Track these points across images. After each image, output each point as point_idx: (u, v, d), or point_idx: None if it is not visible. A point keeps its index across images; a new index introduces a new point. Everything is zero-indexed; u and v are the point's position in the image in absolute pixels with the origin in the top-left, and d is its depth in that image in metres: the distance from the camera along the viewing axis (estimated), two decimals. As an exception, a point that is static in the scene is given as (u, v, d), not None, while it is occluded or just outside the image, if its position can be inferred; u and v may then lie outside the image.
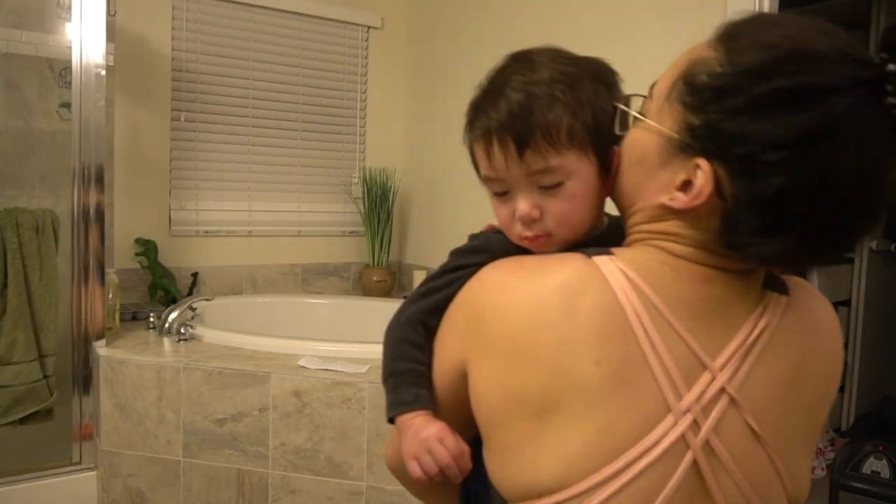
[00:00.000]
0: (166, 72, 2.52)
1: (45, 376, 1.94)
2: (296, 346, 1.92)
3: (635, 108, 0.65)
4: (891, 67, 0.52)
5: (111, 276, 2.10)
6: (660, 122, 0.60)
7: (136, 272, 2.44)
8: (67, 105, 2.00)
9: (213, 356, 1.86)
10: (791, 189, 0.53)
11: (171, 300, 2.38)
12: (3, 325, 1.88)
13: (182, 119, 2.57)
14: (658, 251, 0.61)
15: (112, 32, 2.07)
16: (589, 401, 0.56)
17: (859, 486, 1.87)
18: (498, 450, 0.61)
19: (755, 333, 0.59)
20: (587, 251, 0.61)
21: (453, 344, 0.66)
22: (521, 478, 0.59)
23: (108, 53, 1.94)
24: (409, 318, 0.71)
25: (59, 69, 2.24)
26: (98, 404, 1.88)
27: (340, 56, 2.92)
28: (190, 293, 2.52)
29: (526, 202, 0.65)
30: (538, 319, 0.58)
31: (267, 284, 2.78)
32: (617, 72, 0.70)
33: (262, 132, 2.75)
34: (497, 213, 0.70)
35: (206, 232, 2.66)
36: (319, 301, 2.73)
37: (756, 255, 0.58)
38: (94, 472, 1.90)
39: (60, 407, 1.96)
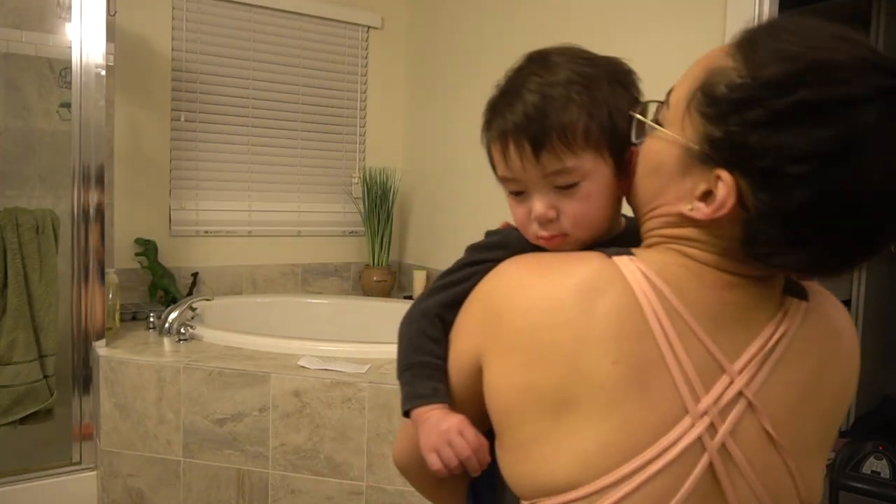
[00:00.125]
0: (166, 72, 2.52)
1: (45, 376, 1.94)
2: (296, 346, 1.92)
3: (651, 114, 0.64)
4: None
5: (111, 276, 2.10)
6: (679, 131, 0.59)
7: (136, 272, 2.44)
8: (67, 105, 2.00)
9: (213, 356, 1.86)
10: (815, 202, 0.52)
11: (171, 300, 2.38)
12: (3, 325, 1.88)
13: (182, 119, 2.57)
14: (678, 255, 0.60)
15: (112, 32, 2.07)
16: (605, 400, 0.56)
17: (859, 486, 1.87)
18: (511, 447, 0.61)
19: (775, 338, 0.59)
20: (607, 251, 0.61)
21: (469, 338, 0.66)
22: (535, 475, 0.59)
23: (108, 53, 1.94)
24: (425, 311, 0.71)
25: (59, 69, 2.24)
26: (98, 404, 1.88)
27: (340, 56, 2.92)
28: (190, 293, 2.52)
29: (542, 203, 0.65)
30: (556, 317, 0.57)
31: (267, 284, 2.78)
32: (635, 72, 0.69)
33: (262, 132, 2.75)
34: (513, 213, 0.69)
35: (206, 232, 2.66)
36: (319, 301, 2.73)
37: (779, 264, 0.58)
38: (94, 472, 1.90)
39: (60, 407, 1.96)
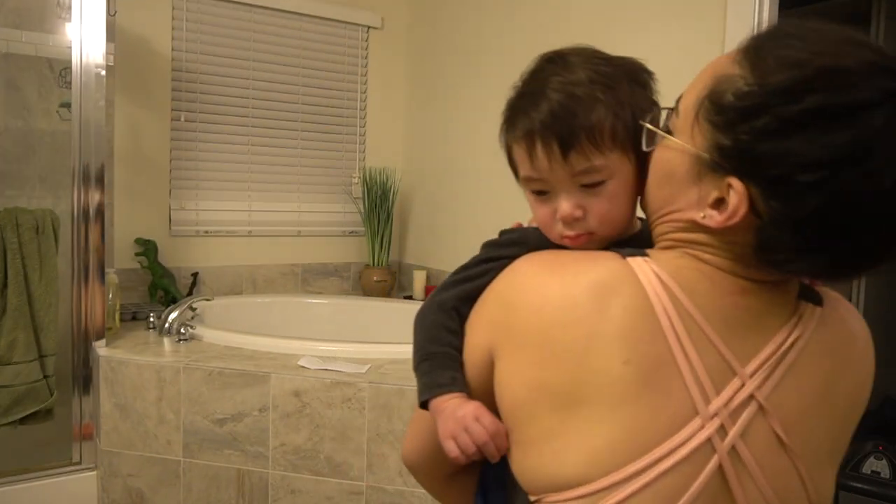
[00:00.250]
0: (166, 72, 2.52)
1: (45, 376, 1.94)
2: (296, 346, 1.92)
3: (662, 121, 0.64)
4: None
5: (111, 276, 2.10)
6: (688, 139, 0.59)
7: (136, 272, 2.44)
8: (67, 105, 2.00)
9: (213, 356, 1.86)
10: (827, 209, 0.51)
11: (171, 300, 2.38)
12: (3, 325, 1.88)
13: (182, 119, 2.57)
14: (692, 259, 0.60)
15: (112, 32, 2.07)
16: (615, 399, 0.56)
17: (859, 486, 1.87)
18: (521, 442, 0.62)
19: (788, 343, 0.59)
20: (622, 251, 0.61)
21: (483, 333, 0.66)
22: (544, 471, 0.59)
23: (108, 53, 1.94)
24: (442, 303, 0.71)
25: (59, 69, 2.24)
26: (98, 404, 1.88)
27: (340, 56, 2.92)
28: (190, 293, 2.52)
29: (568, 202, 0.65)
30: (569, 315, 0.58)
31: (267, 284, 2.78)
32: (651, 71, 0.70)
33: (262, 132, 2.75)
34: (536, 213, 0.69)
35: (206, 232, 2.66)
36: (319, 301, 2.73)
37: (792, 270, 0.58)
38: (94, 472, 1.90)
39: (60, 407, 1.96)
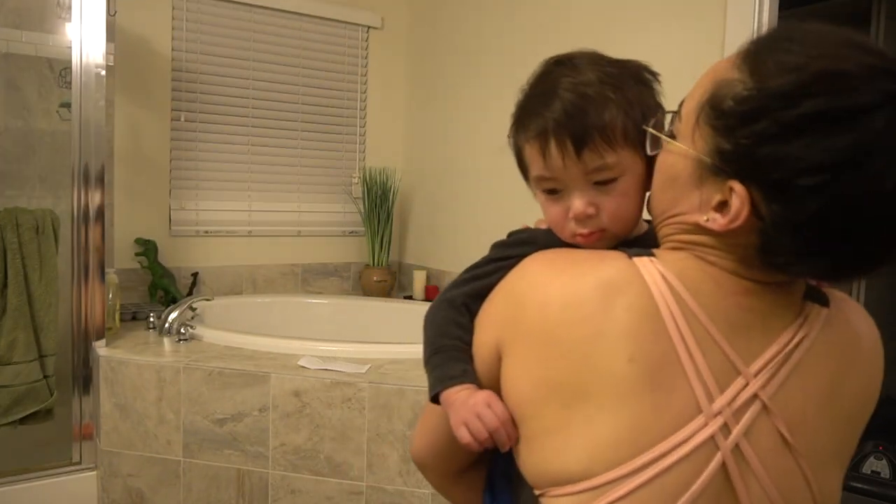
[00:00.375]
0: (166, 72, 2.52)
1: (45, 376, 1.94)
2: (296, 346, 1.92)
3: (666, 125, 0.65)
4: None
5: (111, 276, 2.10)
6: (690, 143, 0.59)
7: (136, 272, 2.44)
8: (67, 105, 2.00)
9: (213, 356, 1.86)
10: (827, 212, 0.52)
11: (171, 300, 2.38)
12: (3, 325, 1.88)
13: (182, 119, 2.57)
14: (698, 260, 0.61)
15: (112, 32, 2.07)
16: (619, 396, 0.56)
17: (859, 486, 1.87)
18: (527, 437, 0.63)
19: (793, 343, 0.59)
20: (629, 251, 0.62)
21: (491, 329, 0.68)
22: (548, 465, 0.60)
23: (108, 53, 1.94)
24: (451, 300, 0.73)
25: (59, 69, 2.24)
26: (98, 404, 1.88)
27: (340, 56, 2.92)
28: (190, 293, 2.52)
29: (581, 199, 0.67)
30: (575, 314, 0.59)
31: (267, 284, 2.78)
32: (655, 72, 0.71)
33: (262, 132, 2.75)
34: (548, 212, 0.71)
35: (206, 232, 2.66)
36: (319, 301, 2.72)
37: (795, 272, 0.58)
38: (94, 472, 1.90)
39: (60, 407, 1.96)
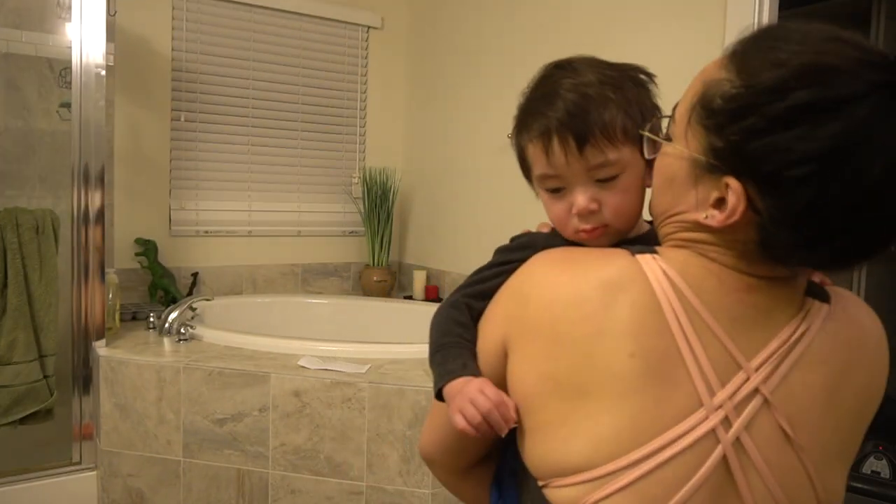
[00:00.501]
0: (166, 72, 2.52)
1: (45, 376, 1.94)
2: (296, 346, 1.92)
3: (662, 129, 0.66)
4: None
5: (111, 276, 2.10)
6: (685, 144, 0.61)
7: (136, 272, 2.44)
8: (67, 105, 2.00)
9: (213, 356, 1.86)
10: (822, 201, 0.53)
11: (171, 300, 2.38)
12: (3, 325, 1.88)
13: (182, 119, 2.57)
14: (700, 257, 0.62)
15: (112, 32, 2.07)
16: (621, 390, 0.58)
17: (859, 486, 1.87)
18: (531, 429, 0.64)
19: (794, 338, 0.60)
20: (632, 249, 0.63)
21: (498, 326, 0.69)
22: (551, 456, 0.61)
23: (108, 53, 1.94)
24: (454, 302, 0.76)
25: (59, 69, 2.24)
26: (98, 404, 1.88)
27: (340, 56, 2.92)
28: (190, 293, 2.52)
29: (584, 196, 0.69)
30: (578, 311, 0.60)
31: (267, 284, 2.78)
32: (651, 73, 0.74)
33: (262, 132, 2.75)
34: (551, 210, 0.73)
35: (206, 232, 2.66)
36: (319, 301, 2.72)
37: (796, 264, 0.59)
38: (94, 472, 1.90)
39: (60, 407, 1.96)
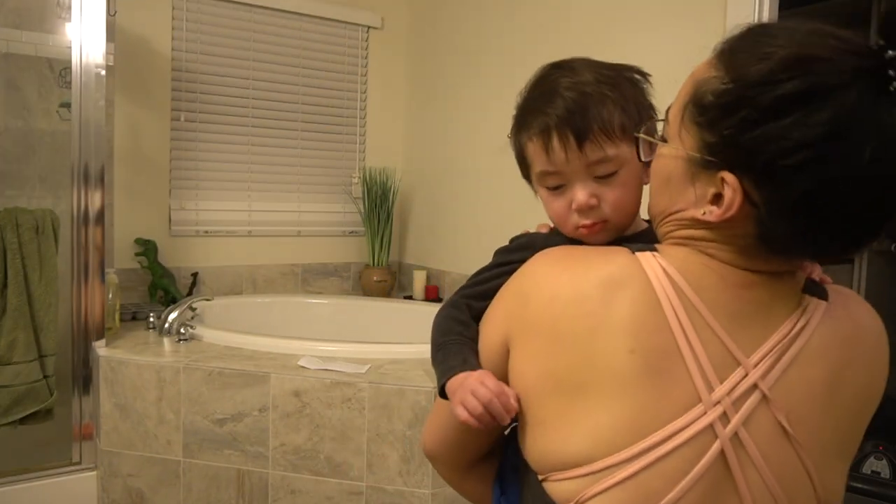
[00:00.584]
0: (166, 72, 2.52)
1: (45, 376, 1.94)
2: (296, 346, 1.92)
3: (656, 131, 0.67)
4: (890, 54, 0.52)
5: (111, 276, 2.10)
6: (679, 143, 0.62)
7: (136, 272, 2.44)
8: (67, 105, 2.00)
9: (213, 356, 1.86)
10: (816, 189, 0.53)
11: (171, 300, 2.38)
12: (3, 325, 1.88)
13: (182, 119, 2.57)
14: (699, 254, 0.62)
15: (112, 32, 2.07)
16: (620, 386, 0.58)
17: (859, 486, 1.87)
18: (531, 424, 0.65)
19: (792, 334, 0.60)
20: (632, 246, 0.64)
21: (499, 323, 0.70)
22: (550, 450, 0.62)
23: (108, 53, 1.94)
24: (454, 302, 0.78)
25: (59, 69, 2.24)
26: (98, 404, 1.88)
27: (340, 56, 2.92)
28: (190, 293, 2.52)
29: (584, 191, 0.71)
30: (579, 308, 0.61)
31: (267, 284, 2.78)
32: (646, 73, 0.75)
33: (262, 132, 2.75)
34: (550, 208, 0.75)
35: (206, 232, 2.66)
36: (319, 301, 2.72)
37: (795, 255, 0.60)
38: (94, 472, 1.90)
39: (60, 407, 1.96)
